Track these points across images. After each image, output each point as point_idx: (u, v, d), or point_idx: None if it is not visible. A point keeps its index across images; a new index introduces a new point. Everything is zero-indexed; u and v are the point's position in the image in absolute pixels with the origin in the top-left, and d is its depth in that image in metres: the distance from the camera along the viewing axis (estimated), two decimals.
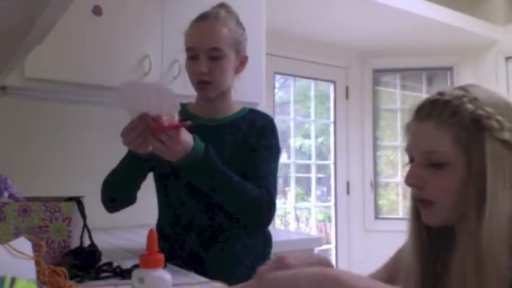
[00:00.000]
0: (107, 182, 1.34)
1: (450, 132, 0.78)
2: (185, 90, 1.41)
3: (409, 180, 0.83)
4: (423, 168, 0.81)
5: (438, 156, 0.79)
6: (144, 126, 1.12)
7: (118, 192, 1.35)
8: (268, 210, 1.27)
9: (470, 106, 0.78)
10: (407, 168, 0.85)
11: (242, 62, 1.38)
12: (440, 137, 0.79)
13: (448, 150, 0.78)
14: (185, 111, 1.41)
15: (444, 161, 0.78)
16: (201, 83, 1.31)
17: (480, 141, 0.76)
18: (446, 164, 0.78)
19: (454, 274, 0.79)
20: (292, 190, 3.40)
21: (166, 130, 1.11)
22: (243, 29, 1.38)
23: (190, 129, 1.35)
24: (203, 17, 1.32)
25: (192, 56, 1.31)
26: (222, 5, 1.38)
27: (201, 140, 1.33)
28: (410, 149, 0.85)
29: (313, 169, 3.51)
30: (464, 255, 0.77)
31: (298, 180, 3.51)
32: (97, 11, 1.72)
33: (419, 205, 0.84)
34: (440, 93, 0.82)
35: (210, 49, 1.29)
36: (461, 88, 0.83)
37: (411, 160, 0.85)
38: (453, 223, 0.83)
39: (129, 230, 1.92)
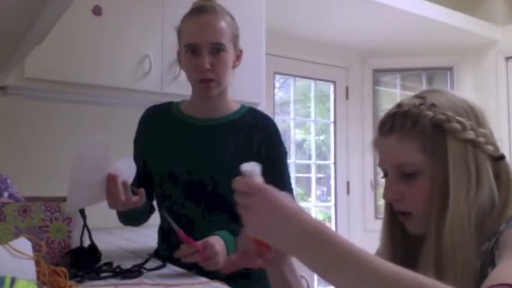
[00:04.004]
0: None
1: (415, 142, 0.79)
2: (185, 90, 1.40)
3: (387, 196, 0.84)
4: (397, 181, 0.82)
5: (408, 167, 0.80)
6: (121, 188, 1.12)
7: (129, 220, 1.36)
8: None
9: (429, 113, 0.79)
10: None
11: (238, 56, 1.35)
12: (405, 148, 0.80)
13: (416, 160, 0.79)
14: (178, 111, 1.37)
15: (415, 171, 0.80)
16: (204, 82, 1.27)
17: (443, 145, 0.78)
18: (418, 174, 0.80)
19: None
20: None
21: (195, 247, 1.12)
22: (236, 22, 1.35)
23: (189, 131, 1.35)
24: (200, 11, 1.27)
25: (193, 51, 1.26)
26: None
27: (200, 141, 1.32)
28: (381, 164, 0.86)
29: (313, 169, 3.50)
30: (427, 254, 0.78)
31: (298, 180, 3.51)
32: (97, 11, 1.72)
33: (401, 218, 0.85)
34: (399, 105, 0.84)
35: (213, 44, 1.25)
36: (419, 96, 0.84)
37: (385, 174, 0.86)
38: None
39: (129, 230, 1.91)
